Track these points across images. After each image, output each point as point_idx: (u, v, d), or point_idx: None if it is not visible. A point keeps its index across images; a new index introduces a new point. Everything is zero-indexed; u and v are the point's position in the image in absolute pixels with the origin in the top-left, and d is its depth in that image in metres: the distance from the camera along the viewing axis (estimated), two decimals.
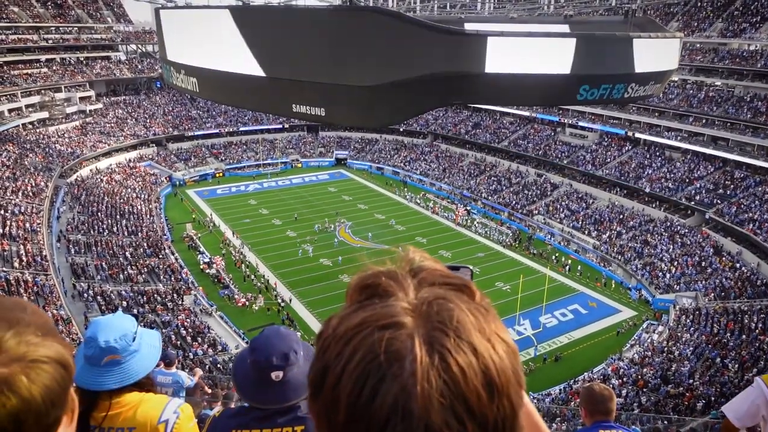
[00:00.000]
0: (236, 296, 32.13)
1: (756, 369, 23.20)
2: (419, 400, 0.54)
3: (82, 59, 59.21)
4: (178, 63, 13.25)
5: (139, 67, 63.94)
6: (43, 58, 55.02)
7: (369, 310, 0.62)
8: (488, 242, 41.51)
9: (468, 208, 47.69)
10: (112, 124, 56.03)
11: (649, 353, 27.10)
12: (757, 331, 26.10)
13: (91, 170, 47.85)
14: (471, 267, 0.81)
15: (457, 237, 42.31)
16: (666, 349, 27.19)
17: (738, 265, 33.08)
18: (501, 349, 0.60)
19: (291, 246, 38.89)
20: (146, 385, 2.14)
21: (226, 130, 61.23)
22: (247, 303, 31.41)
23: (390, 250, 0.76)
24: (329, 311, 0.88)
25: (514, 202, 47.75)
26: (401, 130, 61.78)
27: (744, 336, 26.22)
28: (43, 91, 51.77)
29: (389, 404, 0.54)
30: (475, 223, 44.77)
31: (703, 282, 32.67)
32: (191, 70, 12.85)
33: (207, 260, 36.11)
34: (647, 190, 42.99)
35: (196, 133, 59.61)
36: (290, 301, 31.86)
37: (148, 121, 59.06)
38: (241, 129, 61.91)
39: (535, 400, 23.87)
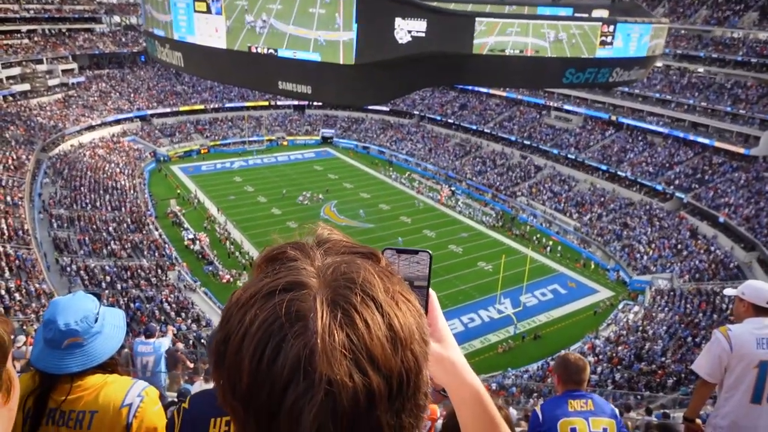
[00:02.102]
0: (221, 273, 32.29)
1: None
2: (320, 356, 0.54)
3: (64, 31, 57.94)
4: (163, 37, 13.23)
5: (123, 40, 62.72)
6: (24, 28, 53.69)
7: (272, 277, 0.62)
8: (472, 222, 41.98)
9: (452, 188, 48.06)
10: (95, 98, 55.16)
11: (625, 332, 27.90)
12: (728, 311, 26.94)
13: (72, 145, 47.20)
14: (430, 252, 0.85)
15: (441, 217, 42.69)
16: (641, 328, 28.00)
17: (712, 248, 33.95)
18: (404, 306, 0.62)
19: (276, 224, 39.02)
20: (110, 366, 2.06)
21: (212, 106, 60.64)
22: (231, 279, 31.58)
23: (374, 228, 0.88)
24: None
25: (498, 183, 48.20)
26: (388, 109, 61.68)
27: (715, 316, 27.08)
28: (24, 63, 50.70)
29: (291, 363, 0.54)
30: (459, 203, 45.21)
31: (679, 264, 33.52)
32: (176, 44, 12.86)
33: (191, 236, 36.13)
34: (629, 174, 43.67)
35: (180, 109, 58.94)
36: None
37: (132, 95, 58.22)
38: (227, 105, 61.31)
39: (513, 377, 24.57)
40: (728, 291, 3.69)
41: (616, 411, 3.42)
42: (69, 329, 1.93)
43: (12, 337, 0.85)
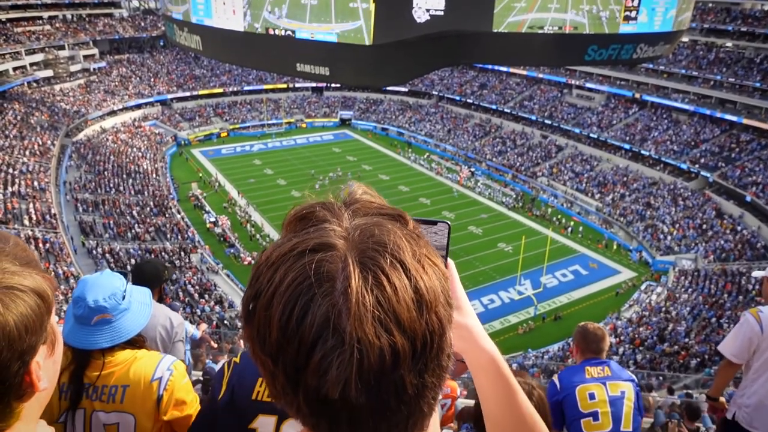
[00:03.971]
0: (242, 255, 32.69)
1: None
2: (352, 316, 0.56)
3: (84, 16, 58.44)
4: (181, 20, 13.24)
5: (142, 24, 63.09)
6: (45, 15, 54.28)
7: (301, 236, 0.64)
8: (492, 203, 41.72)
9: (472, 169, 47.72)
10: (116, 83, 55.75)
11: (647, 313, 27.63)
12: (753, 292, 26.49)
13: (95, 130, 47.84)
14: (449, 222, 0.87)
15: (460, 198, 42.51)
16: (664, 309, 27.70)
17: (739, 228, 33.29)
18: (430, 270, 0.63)
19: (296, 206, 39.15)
20: (139, 342, 2.15)
21: (231, 90, 60.84)
22: (252, 262, 31.93)
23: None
24: None
25: (518, 163, 47.71)
26: (406, 90, 61.21)
27: (741, 297, 26.66)
28: (47, 49, 51.36)
29: (319, 322, 0.57)
30: (479, 184, 44.91)
31: (704, 244, 32.96)
32: (194, 28, 12.87)
33: (213, 219, 36.56)
34: (652, 153, 42.84)
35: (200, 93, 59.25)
36: None
37: (152, 79, 58.69)
38: (246, 88, 61.46)
39: (534, 357, 24.57)
40: (756, 273, 3.64)
41: (633, 377, 3.44)
42: (98, 306, 2.00)
43: (55, 293, 0.90)
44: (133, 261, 29.09)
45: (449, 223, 0.87)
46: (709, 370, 20.84)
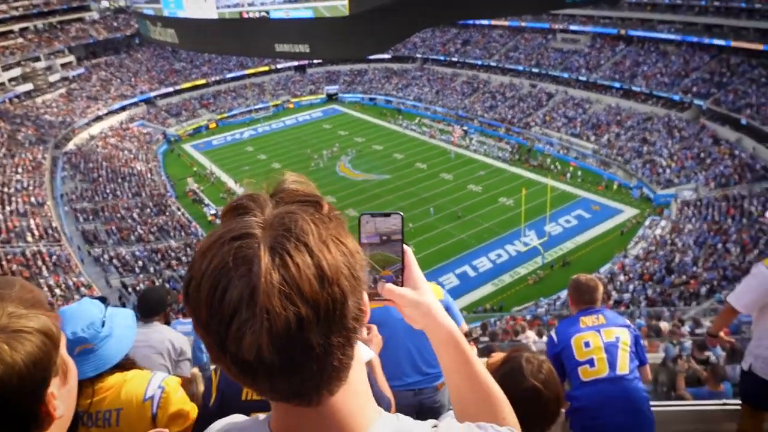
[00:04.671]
0: None
1: (757, 250, 23.93)
2: (261, 292, 0.67)
3: (55, 24, 57.49)
4: (153, 15, 13.08)
5: (115, 24, 62.07)
6: (16, 27, 53.41)
7: (227, 227, 0.75)
8: (488, 159, 41.63)
9: (465, 128, 47.47)
10: (98, 87, 55.15)
11: (654, 248, 27.84)
12: (756, 213, 26.64)
13: (82, 139, 47.48)
14: (402, 213, 1.02)
15: (456, 158, 42.40)
16: (669, 241, 27.89)
17: (736, 152, 33.24)
18: (334, 248, 0.73)
19: None
20: (127, 365, 2.17)
21: (213, 79, 60.14)
22: None
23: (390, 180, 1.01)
24: None
25: (510, 116, 47.41)
26: (389, 56, 60.45)
27: (744, 220, 26.82)
28: (23, 63, 50.68)
29: (236, 298, 0.68)
30: (473, 142, 44.73)
31: (703, 173, 32.98)
32: (167, 21, 12.73)
33: (213, 212, 36.63)
34: (643, 88, 42.49)
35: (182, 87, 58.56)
36: None
37: (133, 79, 58.03)
38: (228, 76, 60.73)
39: (546, 305, 24.89)
40: None
41: (628, 322, 3.50)
42: (77, 337, 2.03)
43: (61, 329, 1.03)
44: (140, 263, 29.36)
45: (402, 214, 1.02)
46: (719, 295, 21.11)
